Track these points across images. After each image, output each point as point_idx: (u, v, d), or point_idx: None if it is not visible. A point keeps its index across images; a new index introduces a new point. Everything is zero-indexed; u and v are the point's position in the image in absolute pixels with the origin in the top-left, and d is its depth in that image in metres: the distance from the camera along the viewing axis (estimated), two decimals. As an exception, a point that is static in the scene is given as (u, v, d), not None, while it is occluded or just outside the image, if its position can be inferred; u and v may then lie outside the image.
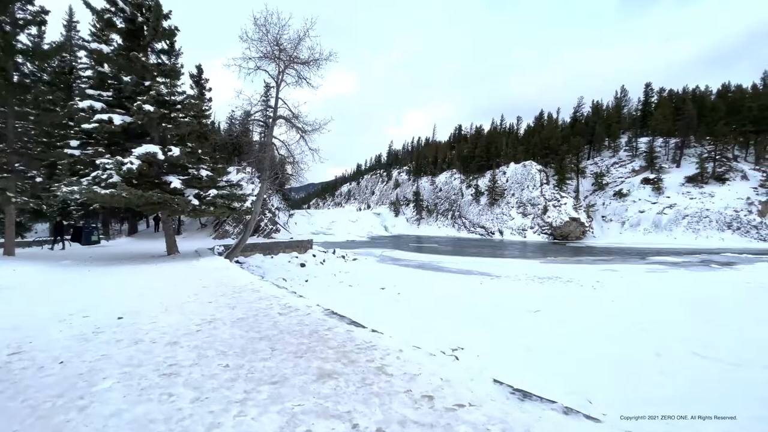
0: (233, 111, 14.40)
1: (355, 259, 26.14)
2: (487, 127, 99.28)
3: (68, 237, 22.21)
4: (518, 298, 12.86)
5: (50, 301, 6.05)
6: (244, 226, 15.55)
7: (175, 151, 11.94)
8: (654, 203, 55.11)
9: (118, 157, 10.68)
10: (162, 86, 12.53)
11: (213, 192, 12.53)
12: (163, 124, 12.10)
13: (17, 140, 11.64)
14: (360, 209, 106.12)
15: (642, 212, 54.98)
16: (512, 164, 75.01)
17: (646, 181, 59.11)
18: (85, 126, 11.17)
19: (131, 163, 10.80)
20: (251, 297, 5.88)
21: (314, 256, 24.07)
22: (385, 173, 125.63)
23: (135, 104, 11.53)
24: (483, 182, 76.81)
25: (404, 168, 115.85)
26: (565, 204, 60.73)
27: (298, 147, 17.35)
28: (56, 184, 10.95)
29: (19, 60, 12.13)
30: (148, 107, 11.69)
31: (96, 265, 11.18)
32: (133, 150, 11.30)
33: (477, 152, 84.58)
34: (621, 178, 63.65)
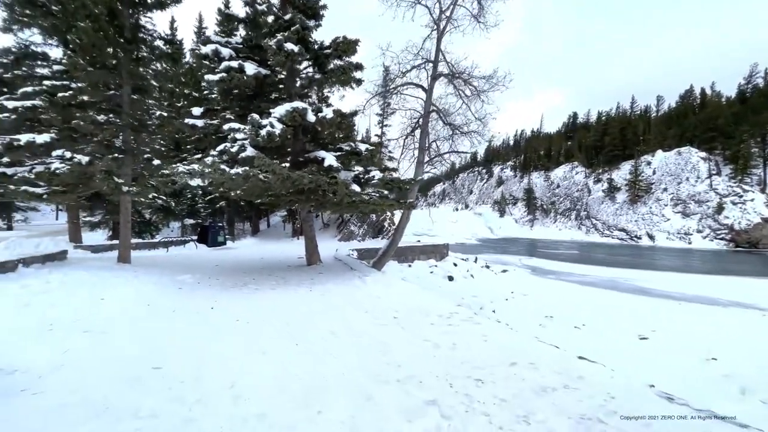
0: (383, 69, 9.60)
1: (504, 271, 20.20)
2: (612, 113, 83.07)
3: (195, 238, 21.07)
4: None
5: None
6: (396, 227, 10.99)
7: (328, 112, 7.70)
8: None
9: (254, 115, 6.73)
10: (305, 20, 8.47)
11: (377, 174, 8.04)
12: (312, 73, 7.97)
13: (132, 110, 8.73)
14: (457, 209, 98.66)
15: None
16: (659, 152, 60.02)
17: None
18: (210, 77, 7.61)
19: (271, 125, 6.78)
20: None
21: (455, 265, 18.82)
22: (484, 170, 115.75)
23: (274, 41, 7.56)
24: (618, 175, 63.09)
25: (507, 164, 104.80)
26: (752, 201, 45.44)
27: (460, 116, 12.28)
28: (173, 166, 7.53)
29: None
30: (290, 46, 7.68)
31: (224, 286, 7.44)
32: (271, 110, 7.35)
33: (606, 141, 70.55)
34: (844, 164, 45.30)
